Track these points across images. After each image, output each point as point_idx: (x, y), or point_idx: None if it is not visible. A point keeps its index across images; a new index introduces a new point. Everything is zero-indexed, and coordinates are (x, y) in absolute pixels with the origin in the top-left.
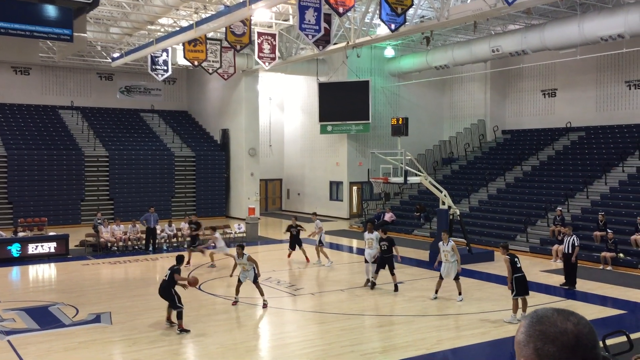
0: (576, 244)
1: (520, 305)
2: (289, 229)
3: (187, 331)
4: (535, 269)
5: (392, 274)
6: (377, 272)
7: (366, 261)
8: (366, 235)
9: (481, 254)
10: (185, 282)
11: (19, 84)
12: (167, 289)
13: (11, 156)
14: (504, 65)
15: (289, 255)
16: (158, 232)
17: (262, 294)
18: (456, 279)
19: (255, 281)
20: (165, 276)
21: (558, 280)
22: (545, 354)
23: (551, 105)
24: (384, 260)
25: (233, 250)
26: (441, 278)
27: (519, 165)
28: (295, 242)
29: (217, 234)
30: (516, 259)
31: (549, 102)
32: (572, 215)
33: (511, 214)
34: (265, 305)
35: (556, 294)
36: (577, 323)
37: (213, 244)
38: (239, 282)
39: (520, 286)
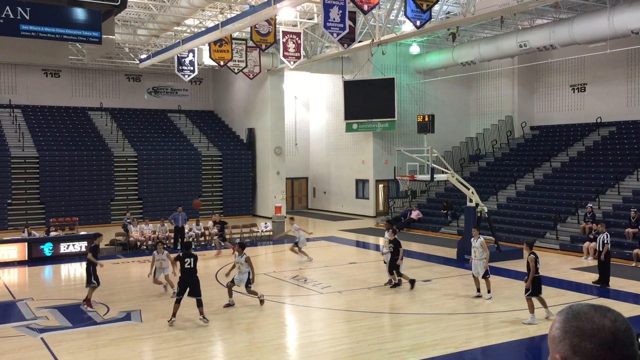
0: (605, 242)
1: (539, 304)
2: (214, 224)
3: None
4: (566, 266)
5: (391, 273)
6: (390, 272)
7: (385, 262)
8: (386, 234)
9: (510, 252)
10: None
11: (50, 86)
12: (195, 276)
13: (43, 157)
14: (532, 60)
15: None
16: (186, 231)
17: (255, 295)
18: (485, 276)
19: (247, 286)
20: (189, 264)
21: (589, 278)
22: (582, 351)
23: (581, 100)
24: (391, 260)
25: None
26: (475, 276)
27: (547, 162)
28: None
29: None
30: (537, 259)
31: (578, 97)
32: (603, 212)
33: (540, 211)
34: (262, 301)
35: (588, 292)
36: (615, 320)
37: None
38: (232, 283)
39: (537, 286)
